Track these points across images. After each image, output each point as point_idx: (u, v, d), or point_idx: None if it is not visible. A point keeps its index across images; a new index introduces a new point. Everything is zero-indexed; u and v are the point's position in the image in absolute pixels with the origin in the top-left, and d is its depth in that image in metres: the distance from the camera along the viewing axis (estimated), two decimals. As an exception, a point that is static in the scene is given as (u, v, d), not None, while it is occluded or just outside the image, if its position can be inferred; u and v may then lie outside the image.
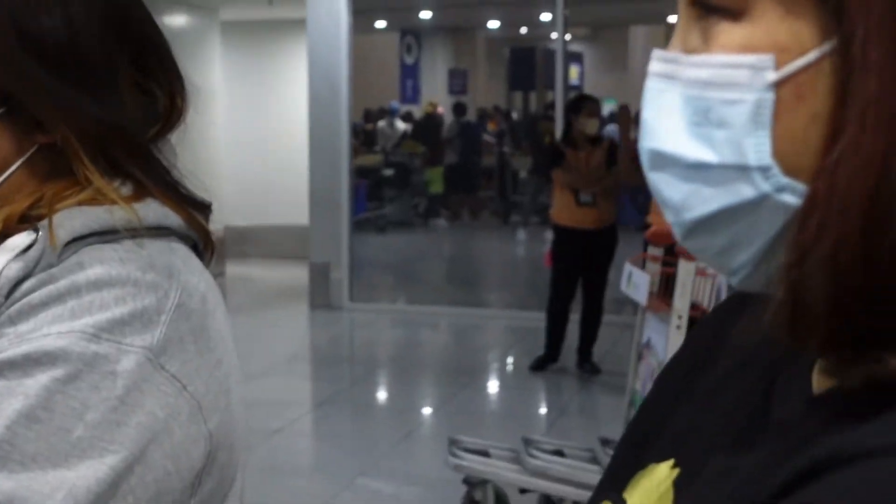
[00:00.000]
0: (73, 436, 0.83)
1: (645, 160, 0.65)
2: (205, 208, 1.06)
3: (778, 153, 0.58)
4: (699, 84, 0.60)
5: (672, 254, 4.62)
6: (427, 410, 7.08)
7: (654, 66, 0.66)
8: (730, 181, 0.60)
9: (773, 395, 0.69)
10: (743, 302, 0.80)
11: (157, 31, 1.05)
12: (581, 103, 7.40)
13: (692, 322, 4.46)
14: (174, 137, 1.07)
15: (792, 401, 0.67)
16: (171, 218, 0.99)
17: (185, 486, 0.91)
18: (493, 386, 7.77)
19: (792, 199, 0.58)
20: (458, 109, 17.12)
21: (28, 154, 0.98)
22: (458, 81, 19.91)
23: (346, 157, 10.23)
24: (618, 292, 7.36)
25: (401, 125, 17.06)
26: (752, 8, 0.59)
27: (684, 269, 4.36)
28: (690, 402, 0.80)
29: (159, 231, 0.98)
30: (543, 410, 7.00)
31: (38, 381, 0.83)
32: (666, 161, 0.63)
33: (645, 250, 5.40)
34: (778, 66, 0.58)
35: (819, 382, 0.65)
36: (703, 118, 0.60)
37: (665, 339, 4.50)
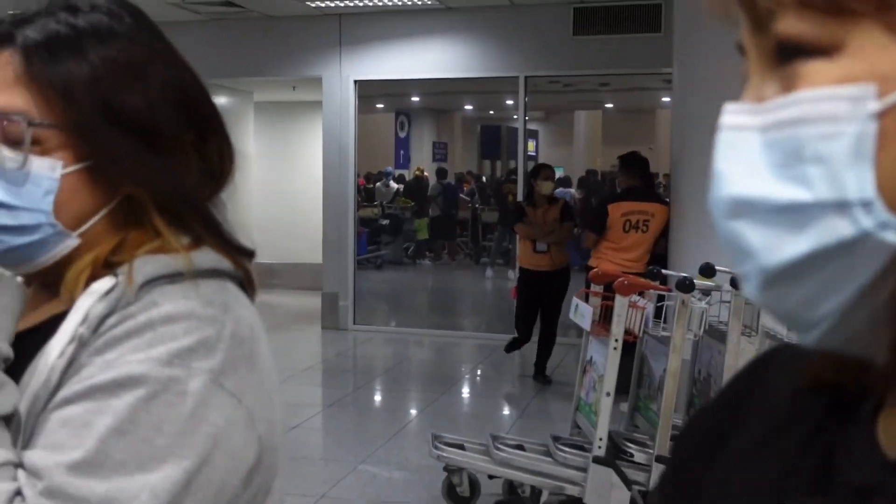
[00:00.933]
0: (153, 445, 0.85)
1: (722, 209, 0.51)
2: (249, 254, 1.06)
3: (881, 187, 0.45)
4: (789, 123, 0.47)
5: (610, 290, 4.66)
6: (414, 411, 7.08)
7: (728, 119, 0.52)
8: (825, 219, 0.46)
9: (835, 456, 0.56)
10: (777, 358, 0.68)
11: (213, 107, 1.06)
12: (539, 169, 7.48)
13: (626, 344, 4.51)
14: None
15: (863, 463, 0.54)
16: (223, 263, 1.01)
17: (240, 481, 0.92)
18: (466, 392, 7.79)
19: (895, 238, 0.45)
20: (440, 173, 17.25)
21: (111, 205, 0.99)
22: (440, 151, 20.03)
23: (351, 209, 10.26)
24: (566, 319, 7.48)
25: (394, 185, 17.19)
26: (849, 41, 0.47)
27: (620, 303, 4.40)
28: (728, 460, 0.65)
29: (213, 273, 0.99)
30: (506, 412, 7.02)
31: (124, 400, 0.85)
32: (749, 207, 0.49)
33: (587, 287, 5.43)
34: (881, 95, 0.45)
35: (890, 444, 0.53)
36: (793, 158, 0.47)
37: (604, 358, 4.54)
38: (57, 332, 0.92)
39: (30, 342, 0.96)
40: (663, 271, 5.28)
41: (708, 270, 4.78)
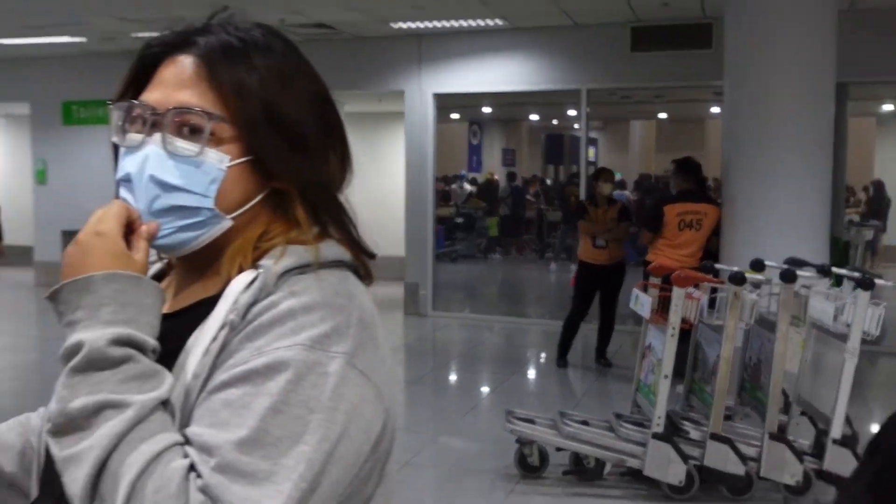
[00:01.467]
0: (304, 421, 0.86)
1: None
2: (369, 254, 1.07)
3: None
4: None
5: (667, 282, 4.58)
6: (486, 389, 7.06)
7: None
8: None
9: None
10: None
11: (339, 117, 1.07)
12: (600, 173, 7.38)
13: (682, 331, 4.43)
14: None
15: None
16: (345, 255, 1.01)
17: (370, 448, 0.93)
18: (533, 373, 7.72)
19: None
20: (510, 177, 17.25)
21: (263, 194, 1.01)
22: (508, 157, 19.98)
23: (430, 208, 10.27)
24: (621, 309, 7.41)
25: (467, 187, 17.17)
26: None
27: (677, 294, 4.32)
28: None
29: (337, 264, 0.99)
30: (570, 391, 6.94)
31: (277, 382, 0.86)
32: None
33: (645, 279, 5.34)
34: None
35: None
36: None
37: (662, 344, 4.46)
38: (208, 317, 0.94)
39: (177, 324, 0.98)
40: (716, 266, 5.18)
41: (758, 265, 4.68)
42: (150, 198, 0.97)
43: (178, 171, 0.96)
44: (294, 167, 0.99)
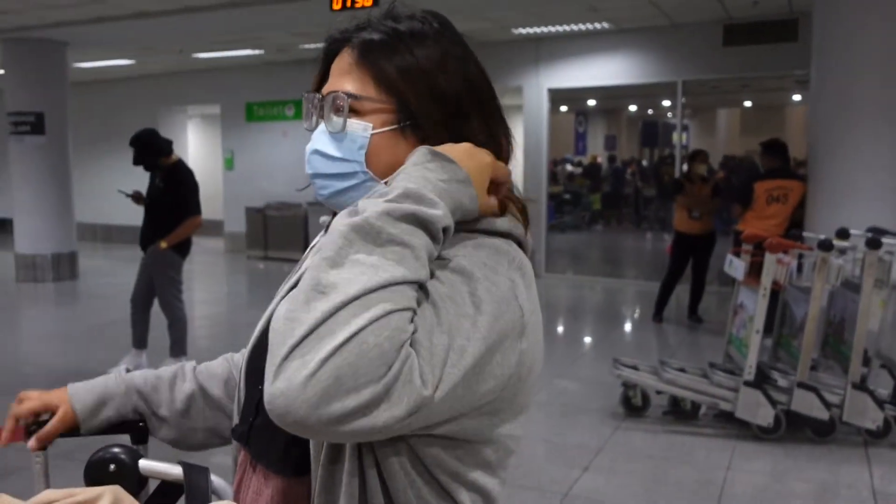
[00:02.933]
0: (473, 320, 0.79)
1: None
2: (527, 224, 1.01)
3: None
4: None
5: (758, 249, 4.34)
6: (592, 339, 6.91)
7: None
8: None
9: None
10: None
11: (495, 97, 1.01)
12: (696, 154, 7.05)
13: (773, 293, 4.19)
14: None
15: None
16: (518, 229, 0.96)
17: (510, 374, 0.84)
18: (632, 327, 7.51)
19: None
20: (611, 159, 16.84)
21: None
22: (610, 142, 19.54)
23: (544, 187, 10.12)
24: (709, 272, 7.14)
25: (569, 168, 16.92)
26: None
27: (769, 259, 4.07)
28: None
29: (506, 235, 0.94)
30: (666, 343, 6.71)
31: (457, 279, 0.82)
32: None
33: (736, 246, 5.07)
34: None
35: None
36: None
37: (753, 303, 4.23)
38: None
39: None
40: (803, 234, 4.87)
41: (843, 233, 4.36)
42: (316, 166, 0.98)
43: (332, 143, 0.96)
44: (444, 133, 0.93)
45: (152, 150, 5.14)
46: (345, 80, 0.96)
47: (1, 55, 9.61)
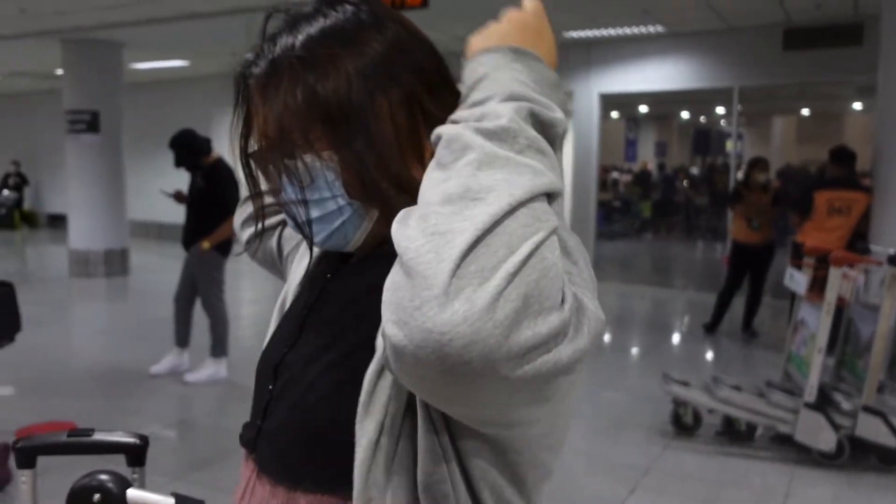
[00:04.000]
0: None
1: None
2: None
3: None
4: None
5: (822, 262, 4.06)
6: (641, 350, 6.65)
7: None
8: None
9: None
10: None
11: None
12: (756, 162, 6.73)
13: (838, 309, 3.91)
14: None
15: None
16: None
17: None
18: (682, 338, 7.22)
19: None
20: (661, 167, 16.49)
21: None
22: (660, 149, 19.25)
23: (593, 194, 9.87)
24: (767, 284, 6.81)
25: (616, 174, 16.67)
26: None
27: (834, 273, 3.80)
28: None
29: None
30: (720, 358, 6.42)
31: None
32: None
33: (797, 258, 4.78)
34: None
35: None
36: None
37: (816, 319, 3.96)
38: None
39: None
40: (870, 247, 4.56)
41: (915, 248, 4.06)
42: (302, 216, 0.82)
43: (301, 189, 0.80)
44: (350, 152, 0.77)
45: (192, 151, 5.11)
46: (269, 125, 0.79)
47: (61, 55, 9.76)
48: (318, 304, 0.88)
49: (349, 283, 0.86)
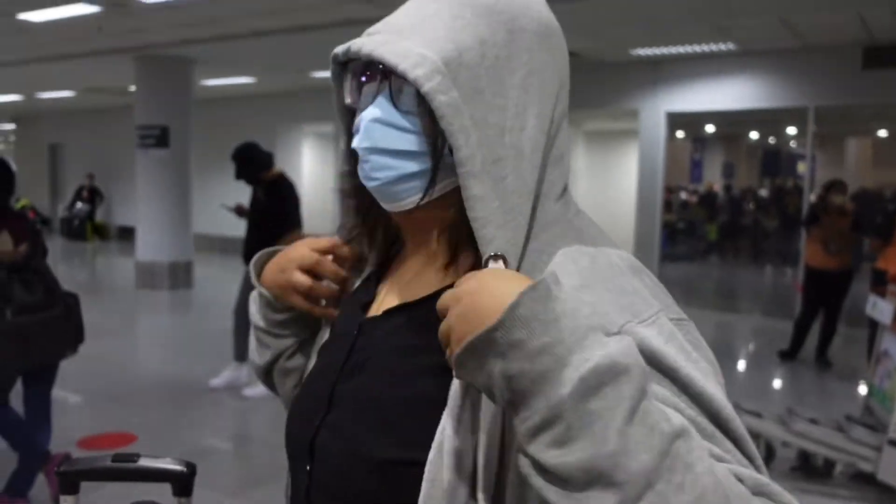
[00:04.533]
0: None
1: None
2: None
3: None
4: None
5: (908, 290, 3.82)
6: (708, 379, 6.39)
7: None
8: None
9: None
10: None
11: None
12: (833, 185, 6.42)
13: (925, 341, 3.66)
14: None
15: None
16: None
17: None
18: (751, 366, 6.92)
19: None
20: (728, 188, 16.09)
21: None
22: (728, 170, 18.80)
23: (658, 215, 9.62)
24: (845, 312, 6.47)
25: (683, 196, 16.31)
26: None
27: (923, 303, 3.57)
28: None
29: None
30: (792, 388, 6.12)
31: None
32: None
33: (878, 285, 4.52)
34: None
35: None
36: None
37: (902, 351, 3.72)
38: None
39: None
40: (962, 276, 4.28)
41: None
42: (375, 138, 0.77)
43: (403, 117, 0.76)
44: None
45: (253, 164, 5.14)
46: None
47: (134, 72, 10.04)
48: (349, 367, 0.81)
49: (378, 343, 0.80)
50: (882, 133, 17.57)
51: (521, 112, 0.71)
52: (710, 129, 16.71)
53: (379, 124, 0.73)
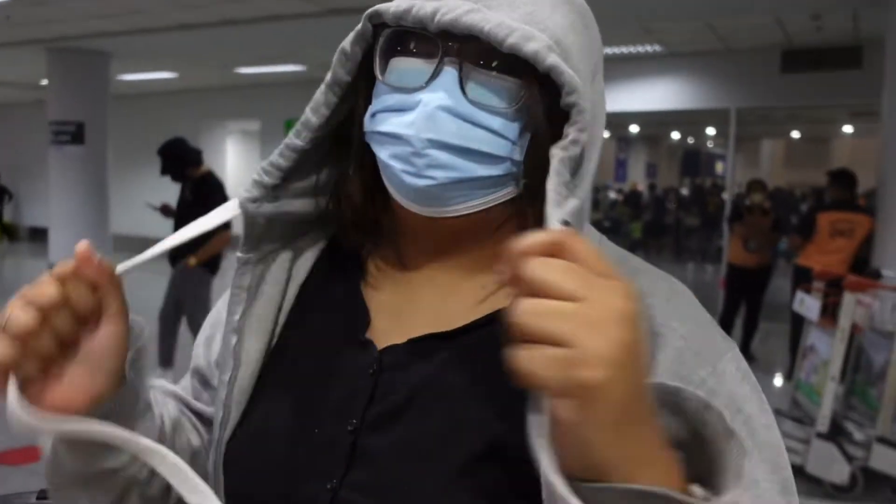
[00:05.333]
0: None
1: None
2: None
3: None
4: None
5: (834, 286, 3.95)
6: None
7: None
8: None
9: None
10: None
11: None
12: (752, 184, 6.63)
13: (851, 336, 3.79)
14: None
15: None
16: None
17: None
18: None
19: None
20: (651, 187, 16.51)
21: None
22: (650, 170, 19.31)
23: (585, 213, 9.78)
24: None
25: (612, 195, 16.64)
26: None
27: (848, 299, 3.68)
28: None
29: None
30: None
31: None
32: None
33: (804, 282, 4.67)
34: None
35: None
36: None
37: (827, 346, 3.84)
38: None
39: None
40: (882, 272, 4.46)
41: (929, 274, 3.96)
42: (443, 132, 0.63)
43: (482, 112, 0.65)
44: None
45: (180, 161, 4.96)
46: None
47: (45, 65, 9.57)
48: (376, 413, 0.64)
49: (423, 382, 0.63)
50: (795, 134, 18.35)
51: (597, 116, 0.63)
52: (634, 129, 17.08)
53: (448, 115, 0.59)
